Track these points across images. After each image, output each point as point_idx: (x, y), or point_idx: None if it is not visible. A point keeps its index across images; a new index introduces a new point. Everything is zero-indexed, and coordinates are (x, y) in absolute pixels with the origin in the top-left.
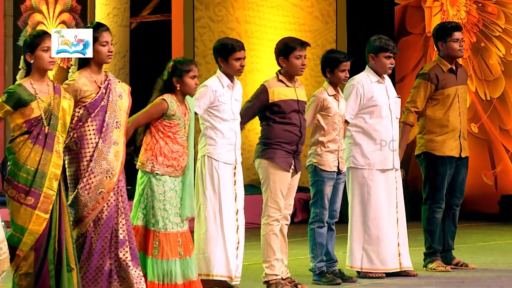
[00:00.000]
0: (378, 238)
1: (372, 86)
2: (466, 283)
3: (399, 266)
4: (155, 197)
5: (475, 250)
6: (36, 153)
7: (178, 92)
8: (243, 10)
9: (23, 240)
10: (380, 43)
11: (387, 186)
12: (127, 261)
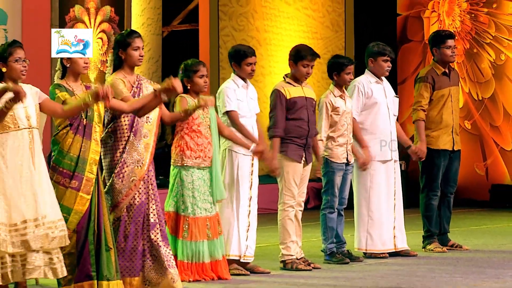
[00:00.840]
0: (380, 222)
1: (371, 86)
2: (461, 262)
3: (394, 247)
4: (185, 186)
5: (468, 233)
6: (77, 142)
7: (191, 91)
8: (262, 21)
9: (70, 219)
10: (378, 48)
11: (387, 175)
12: (158, 242)
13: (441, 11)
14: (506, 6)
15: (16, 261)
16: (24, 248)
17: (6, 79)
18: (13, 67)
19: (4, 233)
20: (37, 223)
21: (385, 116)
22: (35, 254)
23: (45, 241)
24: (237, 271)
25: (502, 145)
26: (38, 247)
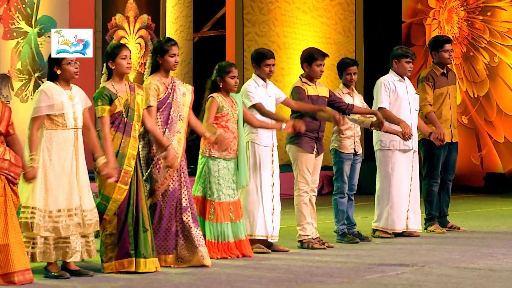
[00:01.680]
0: (399, 205)
1: (395, 83)
2: (458, 242)
3: (406, 227)
4: (211, 174)
5: (465, 216)
6: (118, 138)
7: (222, 90)
8: (282, 27)
9: (108, 207)
10: (402, 51)
11: (406, 163)
12: (189, 223)
13: (441, 18)
14: (499, 14)
15: (48, 243)
16: (54, 233)
17: (60, 80)
18: (66, 69)
19: (38, 218)
20: (70, 213)
21: (406, 110)
22: (76, 240)
23: (77, 229)
24: (259, 250)
25: (496, 138)
26: (67, 234)
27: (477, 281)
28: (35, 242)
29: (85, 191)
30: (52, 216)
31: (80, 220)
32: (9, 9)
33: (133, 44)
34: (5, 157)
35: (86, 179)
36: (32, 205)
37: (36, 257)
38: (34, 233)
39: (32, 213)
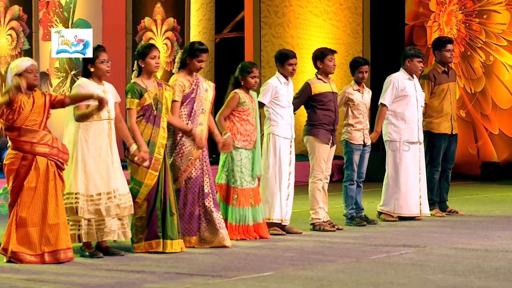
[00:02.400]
0: (406, 191)
1: (404, 81)
2: (457, 225)
3: (420, 212)
4: (234, 163)
5: (463, 201)
6: (149, 129)
7: (243, 87)
8: (295, 29)
9: (140, 191)
10: (414, 51)
11: (413, 154)
12: (211, 208)
13: (441, 21)
14: (494, 17)
15: (90, 225)
16: (96, 215)
17: (93, 77)
18: (99, 67)
19: (81, 202)
20: (109, 196)
21: (413, 106)
22: (112, 221)
23: (116, 210)
24: (275, 232)
25: (491, 130)
26: (108, 215)
27: (474, 261)
28: (80, 225)
29: (119, 177)
30: (94, 199)
31: (118, 202)
32: (48, 13)
33: (160, 44)
34: (54, 145)
35: (119, 166)
36: (75, 191)
37: (82, 238)
38: (79, 216)
39: (76, 198)
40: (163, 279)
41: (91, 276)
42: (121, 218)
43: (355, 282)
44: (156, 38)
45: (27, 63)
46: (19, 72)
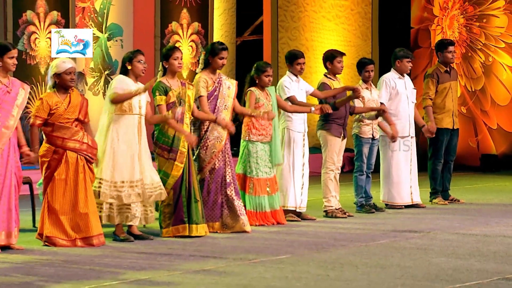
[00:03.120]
0: (398, 182)
1: (395, 80)
2: (458, 212)
3: (411, 200)
4: (251, 155)
5: (464, 190)
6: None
7: (258, 85)
8: (310, 33)
9: (168, 182)
10: (404, 52)
11: (404, 148)
12: (232, 196)
13: (444, 24)
14: (493, 21)
15: (112, 208)
16: (117, 200)
17: (130, 75)
18: (136, 65)
19: (105, 187)
20: (131, 185)
21: (405, 103)
22: (136, 207)
23: (137, 198)
24: (291, 218)
25: (490, 125)
26: (128, 201)
27: (474, 245)
28: (101, 208)
29: (147, 168)
30: (117, 186)
31: (140, 191)
32: (84, 17)
33: (186, 47)
34: (84, 141)
35: (149, 159)
36: (100, 177)
37: (102, 219)
38: (101, 200)
39: (99, 183)
40: (189, 261)
41: (123, 258)
42: (145, 205)
43: (365, 264)
44: (182, 41)
45: (67, 65)
46: (59, 72)
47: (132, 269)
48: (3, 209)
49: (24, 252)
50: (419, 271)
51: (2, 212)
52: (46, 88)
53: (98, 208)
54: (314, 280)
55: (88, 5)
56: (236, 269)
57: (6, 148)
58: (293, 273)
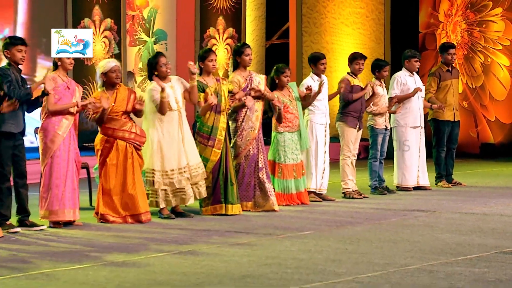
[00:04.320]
0: (410, 166)
1: (406, 78)
2: (460, 194)
3: (417, 183)
4: (279, 144)
5: (466, 175)
6: (212, 116)
7: (279, 85)
8: (330, 37)
9: (207, 166)
10: (411, 53)
11: (415, 137)
12: (264, 179)
13: (448, 29)
14: (492, 26)
15: (167, 194)
16: (170, 187)
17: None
18: (160, 70)
19: (158, 176)
20: (180, 171)
21: (415, 98)
22: (188, 189)
23: (187, 181)
24: (314, 199)
25: (488, 117)
26: (180, 186)
27: (475, 223)
28: (158, 194)
29: (192, 151)
30: (168, 174)
31: (188, 175)
32: (133, 24)
33: (222, 49)
34: (132, 130)
35: (192, 143)
36: (152, 168)
37: (159, 204)
38: (155, 187)
39: (152, 173)
40: (225, 236)
41: (167, 233)
42: (195, 183)
43: (378, 239)
44: (218, 44)
45: (112, 64)
46: (105, 71)
47: (175, 242)
48: (69, 189)
49: (82, 228)
50: (426, 245)
51: (69, 193)
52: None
53: (155, 195)
54: (334, 253)
55: (137, 13)
56: (265, 243)
57: (67, 137)
58: (315, 246)
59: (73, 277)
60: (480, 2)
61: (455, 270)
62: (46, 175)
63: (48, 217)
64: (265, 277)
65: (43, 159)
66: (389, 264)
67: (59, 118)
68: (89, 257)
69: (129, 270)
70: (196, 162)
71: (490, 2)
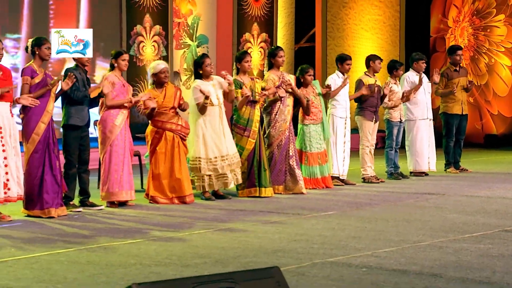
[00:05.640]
0: (422, 154)
1: (414, 77)
2: (467, 179)
3: (428, 168)
4: (305, 134)
5: (471, 162)
6: (247, 110)
7: (304, 84)
8: (351, 41)
9: (243, 154)
10: (418, 56)
11: (425, 128)
12: (293, 166)
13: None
14: (495, 30)
15: (211, 178)
16: (214, 172)
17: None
18: (205, 69)
19: (203, 163)
20: (222, 159)
21: (422, 94)
22: (229, 174)
23: (228, 167)
24: (336, 183)
25: (492, 111)
26: (223, 171)
27: (480, 204)
28: (203, 179)
29: (230, 141)
30: (211, 161)
31: (229, 162)
32: (179, 30)
33: (256, 52)
34: (179, 123)
35: (229, 135)
36: (197, 156)
37: (205, 188)
38: (201, 173)
39: (199, 161)
40: (258, 215)
41: (208, 212)
42: (233, 170)
43: (394, 219)
44: (253, 47)
45: (161, 66)
46: (155, 72)
47: (215, 221)
48: (126, 174)
49: (135, 208)
50: (436, 224)
51: (126, 176)
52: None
53: (201, 180)
54: (355, 231)
55: (182, 21)
56: (294, 221)
57: (122, 128)
58: (338, 225)
59: (127, 250)
60: (485, 10)
61: (462, 246)
62: (106, 162)
63: (109, 198)
64: (294, 252)
65: (102, 147)
66: (403, 241)
67: (116, 111)
68: (140, 233)
69: (175, 245)
70: (234, 152)
71: (494, 10)
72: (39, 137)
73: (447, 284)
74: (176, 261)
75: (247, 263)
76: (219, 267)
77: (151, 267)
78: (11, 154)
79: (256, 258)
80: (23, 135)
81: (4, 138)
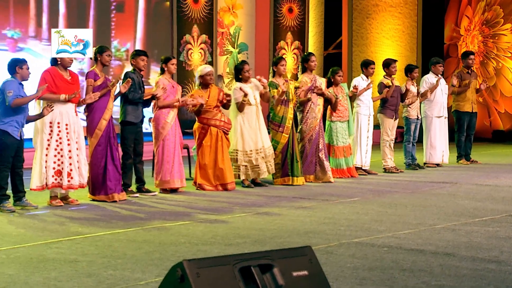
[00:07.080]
0: (435, 147)
1: (432, 79)
2: (477, 170)
3: (442, 161)
4: (332, 130)
5: (481, 155)
6: (282, 108)
7: (334, 84)
8: (374, 47)
9: (278, 147)
10: (436, 60)
11: (440, 125)
12: (322, 158)
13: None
14: (503, 38)
15: (247, 169)
16: (249, 163)
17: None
18: (243, 74)
19: (240, 155)
20: (257, 151)
21: (439, 94)
22: (263, 165)
23: (262, 159)
24: (360, 173)
25: (499, 110)
26: (257, 163)
27: (488, 192)
28: (240, 169)
29: (265, 136)
30: (247, 153)
31: (263, 155)
32: (223, 38)
33: (290, 57)
34: (222, 119)
35: (265, 131)
36: (235, 148)
37: (240, 176)
38: (238, 164)
39: (236, 153)
40: (292, 201)
41: (247, 198)
42: (268, 161)
43: (412, 204)
44: (287, 53)
45: (207, 69)
46: (202, 74)
47: (254, 205)
48: (176, 164)
49: (184, 194)
50: (449, 209)
51: (176, 166)
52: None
53: (237, 170)
54: (377, 215)
55: (225, 30)
56: (323, 206)
57: (173, 125)
58: (362, 209)
59: (177, 231)
60: (493, 19)
61: (473, 229)
62: (159, 154)
63: (162, 185)
64: (323, 233)
65: (156, 142)
66: (420, 224)
67: (167, 110)
68: (189, 216)
69: (219, 226)
70: (268, 145)
71: (501, 19)
72: (101, 132)
73: (459, 262)
74: (220, 240)
75: (282, 242)
76: (258, 246)
77: (198, 245)
78: (74, 148)
79: (290, 238)
80: (88, 131)
81: (69, 134)
